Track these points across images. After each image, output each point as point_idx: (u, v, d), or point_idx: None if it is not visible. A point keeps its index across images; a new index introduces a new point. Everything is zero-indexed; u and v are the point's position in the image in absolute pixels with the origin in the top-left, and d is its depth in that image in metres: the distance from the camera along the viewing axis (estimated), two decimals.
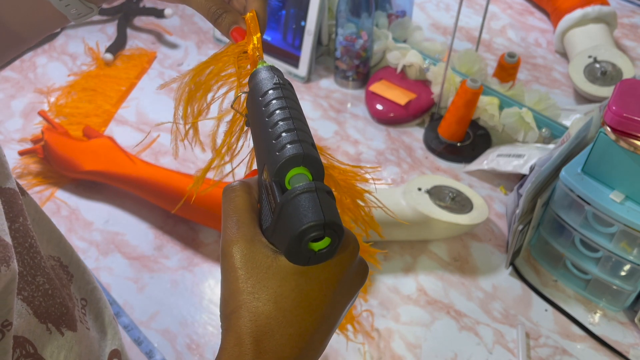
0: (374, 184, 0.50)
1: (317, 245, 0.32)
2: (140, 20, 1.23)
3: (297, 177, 0.33)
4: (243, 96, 0.42)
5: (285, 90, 0.37)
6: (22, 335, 0.35)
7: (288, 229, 0.31)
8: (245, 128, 0.44)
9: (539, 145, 0.89)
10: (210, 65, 0.44)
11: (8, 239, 0.32)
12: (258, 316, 0.32)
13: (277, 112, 0.35)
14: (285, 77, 0.39)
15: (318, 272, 0.33)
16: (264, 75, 0.38)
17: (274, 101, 0.36)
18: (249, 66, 0.43)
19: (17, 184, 0.40)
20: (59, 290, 0.40)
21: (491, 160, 0.88)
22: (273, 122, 0.35)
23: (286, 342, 0.32)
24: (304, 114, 0.37)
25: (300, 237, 0.30)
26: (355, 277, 0.35)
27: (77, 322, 0.41)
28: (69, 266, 0.46)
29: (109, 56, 1.11)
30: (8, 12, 0.49)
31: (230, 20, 0.43)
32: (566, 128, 0.87)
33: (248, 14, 0.43)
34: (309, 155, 0.33)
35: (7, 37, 0.50)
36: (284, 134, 0.34)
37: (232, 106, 0.42)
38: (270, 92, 0.37)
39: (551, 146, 0.86)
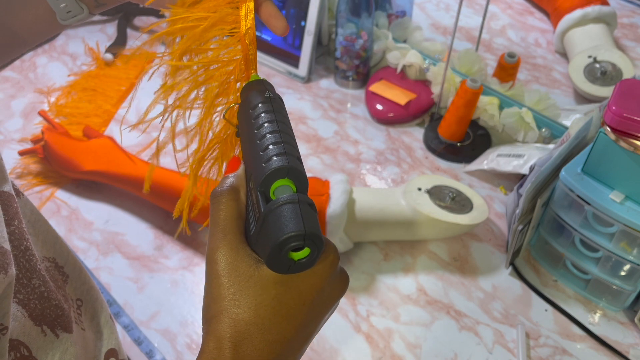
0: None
1: (297, 255, 0.33)
2: (140, 20, 1.23)
3: (282, 189, 0.34)
4: (235, 106, 0.42)
5: (275, 103, 0.38)
6: (16, 338, 0.35)
7: (270, 238, 0.32)
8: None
9: (538, 145, 0.89)
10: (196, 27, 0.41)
11: (7, 245, 0.32)
12: (238, 322, 0.33)
13: (266, 125, 0.36)
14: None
15: (298, 282, 0.34)
16: (255, 88, 0.39)
17: (263, 114, 0.37)
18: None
19: (13, 185, 0.40)
20: (54, 292, 0.40)
21: (491, 160, 0.88)
22: (261, 135, 0.36)
23: (264, 348, 0.33)
24: (292, 127, 0.38)
25: (281, 246, 0.31)
26: (335, 288, 0.36)
27: (72, 323, 0.41)
28: (65, 267, 0.46)
29: (109, 56, 1.11)
30: (2, 10, 0.48)
31: None
32: (566, 128, 0.87)
33: None
34: (294, 168, 0.34)
35: (5, 37, 0.50)
36: (271, 147, 0.34)
37: (223, 116, 0.42)
38: (260, 105, 0.37)
39: (551, 146, 0.86)
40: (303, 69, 1.07)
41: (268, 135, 0.35)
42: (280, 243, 0.31)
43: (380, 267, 0.78)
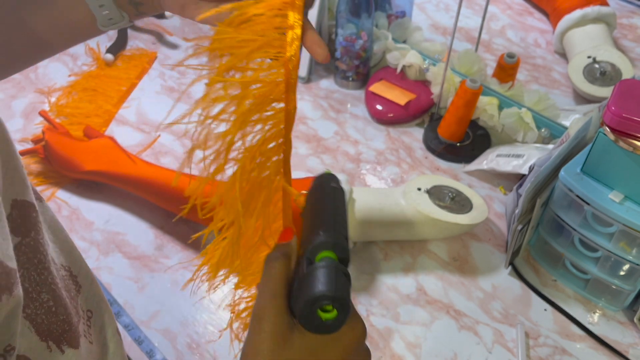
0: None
1: (325, 315, 0.37)
2: (140, 21, 1.23)
3: (325, 258, 0.39)
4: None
5: (338, 193, 0.46)
6: (23, 354, 0.35)
7: (304, 294, 0.37)
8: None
9: (538, 145, 0.89)
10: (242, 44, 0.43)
11: (12, 263, 0.31)
12: None
13: (325, 208, 0.44)
14: None
15: (326, 350, 0.38)
16: (325, 179, 0.48)
17: (326, 200, 0.45)
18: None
19: (35, 191, 0.40)
20: (63, 307, 0.40)
21: (490, 160, 0.88)
22: (320, 215, 0.43)
23: None
24: (347, 214, 0.46)
25: (312, 303, 0.36)
26: None
27: (80, 337, 0.41)
28: (78, 276, 0.45)
29: (109, 56, 1.12)
30: (38, 12, 0.49)
31: None
32: (565, 128, 0.87)
33: None
34: (339, 244, 0.40)
35: (34, 40, 0.51)
36: (325, 224, 0.42)
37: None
38: (326, 192, 0.46)
39: (550, 146, 0.86)
40: (303, 69, 1.07)
41: (325, 216, 0.43)
42: (312, 299, 0.36)
43: (380, 266, 0.78)
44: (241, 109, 0.43)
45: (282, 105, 0.44)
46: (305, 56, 1.05)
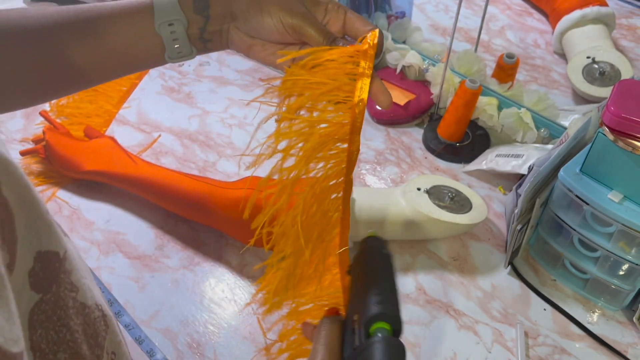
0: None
1: None
2: None
3: (380, 329, 0.42)
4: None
5: (387, 260, 0.49)
6: None
7: None
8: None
9: (537, 145, 0.89)
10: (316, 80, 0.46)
11: (17, 347, 0.29)
12: None
13: (377, 276, 0.46)
14: None
15: None
16: (374, 243, 0.51)
17: (376, 268, 0.48)
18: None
19: (59, 227, 0.38)
20: (104, 339, 0.39)
21: (490, 160, 0.88)
22: (372, 283, 0.46)
23: None
24: (396, 279, 0.47)
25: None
26: None
27: None
28: (107, 316, 0.44)
29: None
30: (113, 40, 0.51)
31: (347, 42, 0.50)
32: (565, 128, 0.87)
33: (375, 30, 0.48)
34: (395, 317, 0.43)
35: (117, 59, 0.52)
36: (380, 295, 0.44)
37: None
38: (377, 258, 0.49)
39: (550, 146, 0.86)
40: None
41: (379, 286, 0.45)
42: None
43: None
44: (308, 145, 0.46)
45: (345, 145, 0.47)
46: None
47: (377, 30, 0.49)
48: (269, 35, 0.52)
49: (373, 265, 0.48)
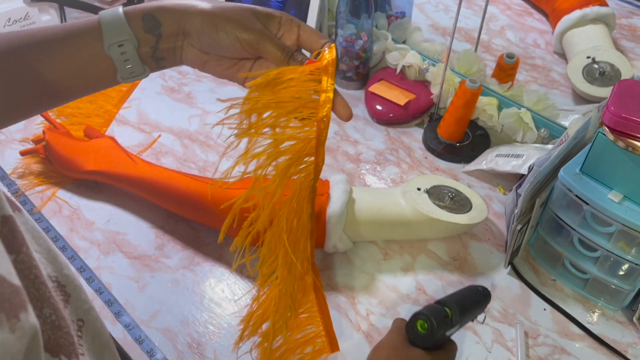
0: None
1: (420, 329, 0.53)
2: None
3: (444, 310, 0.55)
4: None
5: (485, 300, 0.62)
6: None
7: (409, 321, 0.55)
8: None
9: (537, 145, 0.89)
10: (278, 94, 0.48)
11: (17, 281, 0.30)
12: None
13: (466, 298, 0.60)
14: None
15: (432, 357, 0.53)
16: (483, 292, 0.63)
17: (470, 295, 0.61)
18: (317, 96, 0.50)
19: (11, 202, 0.39)
20: (64, 319, 0.39)
21: (490, 160, 0.88)
22: (461, 297, 0.59)
23: None
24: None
25: (414, 316, 0.54)
26: None
27: (77, 348, 0.40)
28: (66, 286, 0.45)
29: None
30: (58, 65, 0.51)
31: (304, 56, 0.52)
32: (565, 128, 0.87)
33: (332, 45, 0.51)
34: (457, 311, 0.55)
35: (50, 90, 0.52)
36: (455, 304, 0.56)
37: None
38: (475, 292, 0.62)
39: (550, 146, 0.86)
40: None
41: (458, 300, 0.58)
42: (414, 314, 0.54)
43: (379, 266, 0.78)
44: (282, 164, 0.49)
45: (312, 158, 0.50)
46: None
47: (333, 45, 0.51)
48: (224, 51, 0.53)
49: (470, 293, 0.61)
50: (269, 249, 0.54)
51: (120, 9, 0.51)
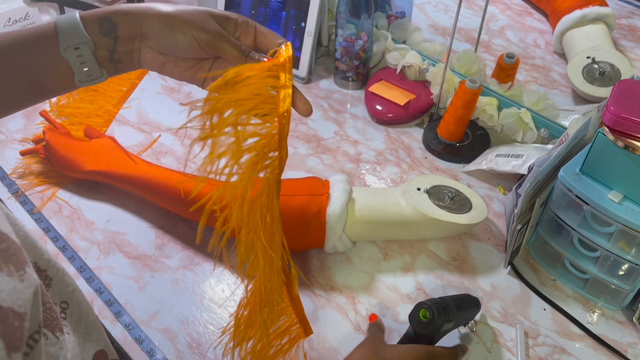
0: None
1: (422, 317, 0.60)
2: None
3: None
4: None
5: (475, 309, 0.70)
6: None
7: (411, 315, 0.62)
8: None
9: (537, 145, 0.89)
10: (238, 90, 0.48)
11: (17, 239, 0.32)
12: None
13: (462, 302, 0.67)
14: None
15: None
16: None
17: (466, 301, 0.69)
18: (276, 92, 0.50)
19: None
20: (46, 295, 0.40)
21: (490, 160, 0.88)
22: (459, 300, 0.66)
23: None
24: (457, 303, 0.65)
25: (417, 306, 0.61)
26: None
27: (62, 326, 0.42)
28: (47, 270, 0.45)
29: None
30: (17, 72, 0.51)
31: (261, 55, 0.52)
32: (565, 128, 0.87)
33: (288, 44, 0.52)
34: (452, 309, 0.63)
35: (29, 88, 0.53)
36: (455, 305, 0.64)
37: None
38: (472, 302, 0.70)
39: (549, 146, 0.86)
40: (303, 69, 1.07)
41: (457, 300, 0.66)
42: (417, 304, 0.61)
43: (379, 266, 0.78)
44: (248, 161, 0.49)
45: (276, 153, 0.50)
46: (305, 56, 1.06)
47: (289, 44, 0.52)
48: (182, 52, 0.53)
49: (467, 302, 0.68)
50: (246, 247, 0.54)
51: (77, 14, 0.52)
